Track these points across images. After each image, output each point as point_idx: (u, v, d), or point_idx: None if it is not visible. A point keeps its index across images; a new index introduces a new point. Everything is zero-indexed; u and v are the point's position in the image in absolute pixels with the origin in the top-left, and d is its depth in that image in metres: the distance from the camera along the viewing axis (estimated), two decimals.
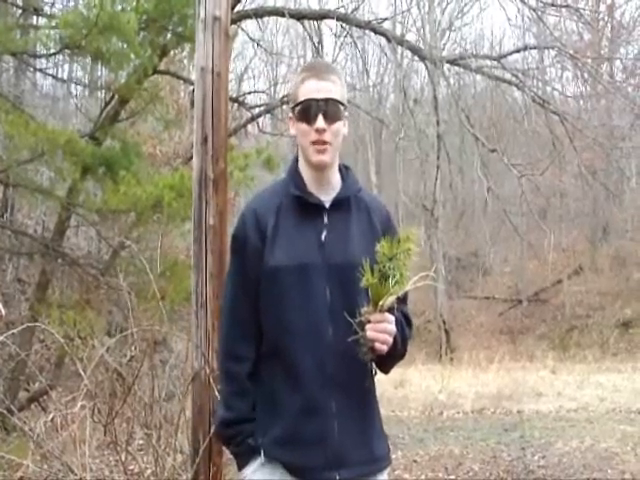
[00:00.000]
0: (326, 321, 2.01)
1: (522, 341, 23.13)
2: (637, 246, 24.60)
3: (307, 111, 2.06)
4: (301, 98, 2.07)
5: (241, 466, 2.09)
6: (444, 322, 23.85)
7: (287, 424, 2.01)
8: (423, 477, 6.78)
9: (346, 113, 2.12)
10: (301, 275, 2.02)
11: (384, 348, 1.95)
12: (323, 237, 2.06)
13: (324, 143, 2.05)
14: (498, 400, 11.69)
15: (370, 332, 1.92)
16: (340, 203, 2.12)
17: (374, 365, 2.09)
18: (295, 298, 2.01)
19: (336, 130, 2.07)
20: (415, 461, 7.37)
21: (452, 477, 6.78)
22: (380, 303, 1.92)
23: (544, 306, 25.15)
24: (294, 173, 2.15)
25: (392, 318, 1.96)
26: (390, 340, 1.96)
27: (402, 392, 12.95)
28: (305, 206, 2.09)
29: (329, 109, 2.05)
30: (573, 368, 16.56)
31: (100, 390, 4.00)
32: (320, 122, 2.04)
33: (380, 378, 2.18)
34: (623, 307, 22.92)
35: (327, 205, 2.10)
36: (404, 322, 2.10)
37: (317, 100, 2.04)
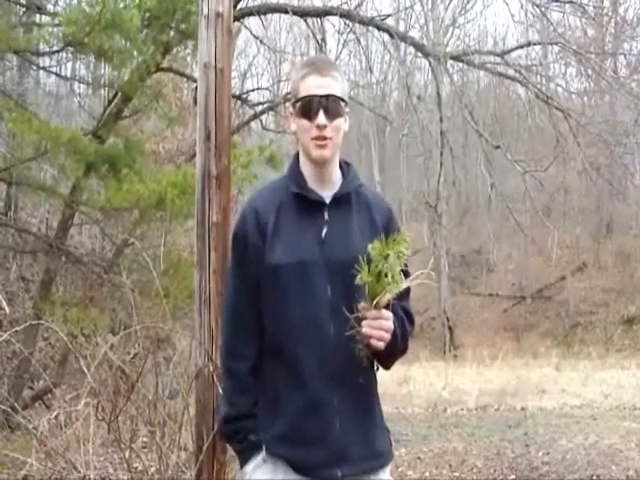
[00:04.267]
0: (327, 318, 2.01)
1: (526, 338, 23.12)
2: None
3: (308, 107, 2.04)
4: (302, 94, 2.06)
5: (243, 462, 2.09)
6: (448, 319, 23.87)
7: (289, 421, 2.01)
8: (427, 474, 6.78)
9: (347, 109, 2.11)
10: (302, 272, 2.01)
11: (380, 345, 1.95)
12: (323, 234, 2.06)
13: (325, 139, 2.04)
14: (502, 397, 11.69)
15: (366, 328, 1.93)
16: (341, 199, 2.10)
17: (375, 361, 2.09)
18: (296, 295, 2.01)
19: (337, 126, 2.06)
20: (419, 458, 7.36)
21: (456, 474, 6.77)
22: (376, 301, 1.92)
23: (548, 303, 25.14)
24: (294, 170, 2.14)
25: (389, 315, 1.96)
26: (386, 337, 1.95)
27: (406, 389, 12.96)
28: (305, 203, 2.08)
29: (330, 105, 2.04)
30: (577, 365, 16.55)
31: (104, 388, 3.99)
32: (321, 118, 2.03)
33: (384, 375, 2.17)
34: (627, 303, 22.90)
35: (327, 201, 2.09)
36: (405, 318, 2.10)
37: (318, 96, 2.03)
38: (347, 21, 11.24)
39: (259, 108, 12.11)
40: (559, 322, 23.92)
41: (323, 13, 11.16)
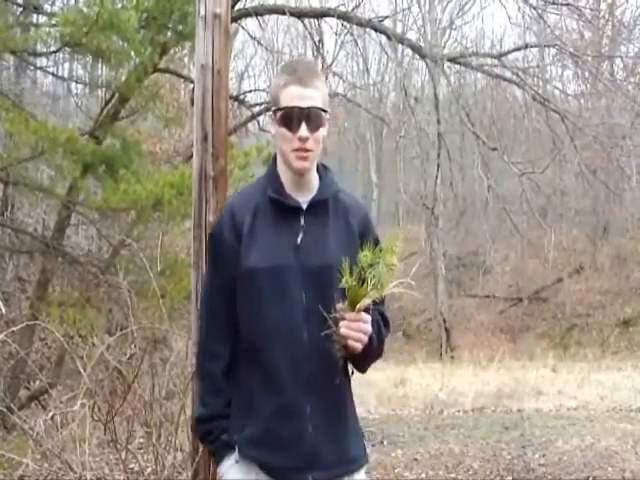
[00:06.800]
0: (302, 324, 2.01)
1: (522, 339, 23.13)
2: (637, 245, 24.58)
3: (290, 118, 2.04)
4: (283, 104, 2.05)
5: (218, 462, 2.12)
6: (444, 321, 23.86)
7: (262, 425, 2.02)
8: (424, 475, 6.78)
9: (327, 116, 2.11)
10: (276, 277, 2.02)
11: (358, 346, 1.95)
12: (299, 240, 2.06)
13: (307, 151, 2.05)
14: (498, 398, 11.68)
15: (343, 329, 1.93)
16: (317, 205, 2.11)
17: (350, 365, 2.10)
18: (270, 300, 2.02)
19: (318, 137, 2.07)
20: (415, 459, 7.36)
21: (452, 475, 6.77)
22: (358, 306, 1.92)
23: (544, 305, 25.15)
24: (273, 173, 2.15)
25: (368, 318, 1.96)
26: (365, 339, 1.96)
27: (402, 390, 12.94)
28: (282, 208, 2.08)
29: (312, 117, 2.04)
30: (573, 366, 16.56)
31: (100, 388, 3.99)
32: (303, 131, 2.03)
33: (380, 377, 2.18)
34: (623, 306, 22.92)
35: (304, 207, 2.09)
36: (381, 321, 2.11)
37: (301, 108, 2.03)
38: (344, 22, 11.27)
39: (256, 109, 12.12)
40: (555, 324, 23.92)
41: (320, 14, 11.19)
